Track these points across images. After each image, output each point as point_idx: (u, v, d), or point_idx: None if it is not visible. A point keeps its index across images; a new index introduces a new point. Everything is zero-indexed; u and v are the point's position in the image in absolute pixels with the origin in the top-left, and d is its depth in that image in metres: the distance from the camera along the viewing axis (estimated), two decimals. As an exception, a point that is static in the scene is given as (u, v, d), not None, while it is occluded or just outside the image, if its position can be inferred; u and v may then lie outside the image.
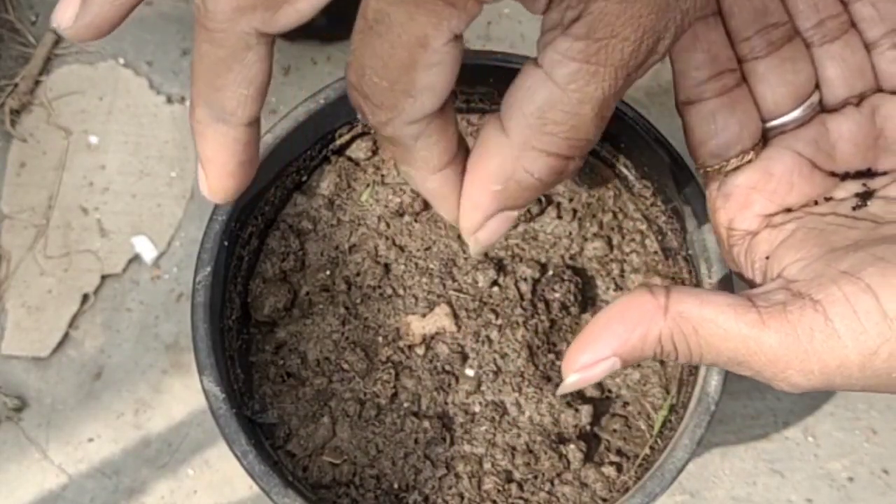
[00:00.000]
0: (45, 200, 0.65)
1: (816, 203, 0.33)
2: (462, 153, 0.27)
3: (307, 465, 0.42)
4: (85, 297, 0.63)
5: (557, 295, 0.43)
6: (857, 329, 0.26)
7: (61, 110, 0.67)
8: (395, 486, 0.41)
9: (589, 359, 0.29)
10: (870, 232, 0.30)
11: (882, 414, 0.61)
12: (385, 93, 0.24)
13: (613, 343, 0.28)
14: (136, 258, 0.64)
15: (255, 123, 0.26)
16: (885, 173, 0.32)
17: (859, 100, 0.33)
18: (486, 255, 0.45)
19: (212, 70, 0.25)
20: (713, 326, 0.28)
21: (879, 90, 0.33)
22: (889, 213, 0.31)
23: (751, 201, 0.33)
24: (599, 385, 0.43)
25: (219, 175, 0.27)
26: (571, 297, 0.43)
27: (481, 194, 0.26)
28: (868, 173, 0.33)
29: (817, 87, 0.33)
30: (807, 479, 0.60)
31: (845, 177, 0.33)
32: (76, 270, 0.63)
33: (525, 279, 0.44)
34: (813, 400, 0.61)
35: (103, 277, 0.63)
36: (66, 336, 0.62)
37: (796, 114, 0.33)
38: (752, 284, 0.33)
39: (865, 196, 0.32)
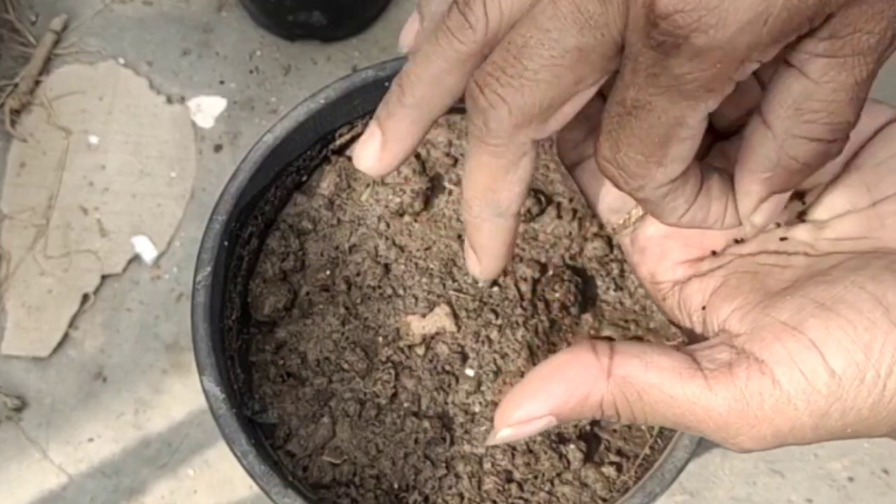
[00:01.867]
0: (45, 200, 0.65)
1: (738, 241, 0.32)
2: (706, 179, 0.29)
3: (307, 465, 0.42)
4: (85, 297, 0.63)
5: (557, 295, 0.43)
6: (806, 390, 0.26)
7: (61, 110, 0.67)
8: (395, 486, 0.41)
9: (524, 415, 0.29)
10: (805, 269, 0.30)
11: (882, 414, 0.61)
12: (640, 164, 0.27)
13: (551, 402, 0.29)
14: (136, 258, 0.64)
15: (519, 213, 0.30)
16: (802, 194, 0.32)
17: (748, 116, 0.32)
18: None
19: (491, 176, 0.29)
20: (658, 392, 0.27)
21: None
22: (820, 240, 0.30)
23: (667, 251, 0.33)
24: (599, 385, 0.43)
25: (492, 258, 0.31)
26: (571, 297, 0.43)
27: (752, 182, 0.28)
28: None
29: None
30: (807, 479, 0.60)
31: None
32: (76, 270, 0.63)
33: (525, 279, 0.44)
34: (813, 400, 0.61)
35: (103, 277, 0.63)
36: (66, 336, 0.62)
37: None
38: (692, 336, 0.32)
39: (790, 223, 0.32)
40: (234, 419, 0.39)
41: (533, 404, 0.29)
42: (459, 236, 0.45)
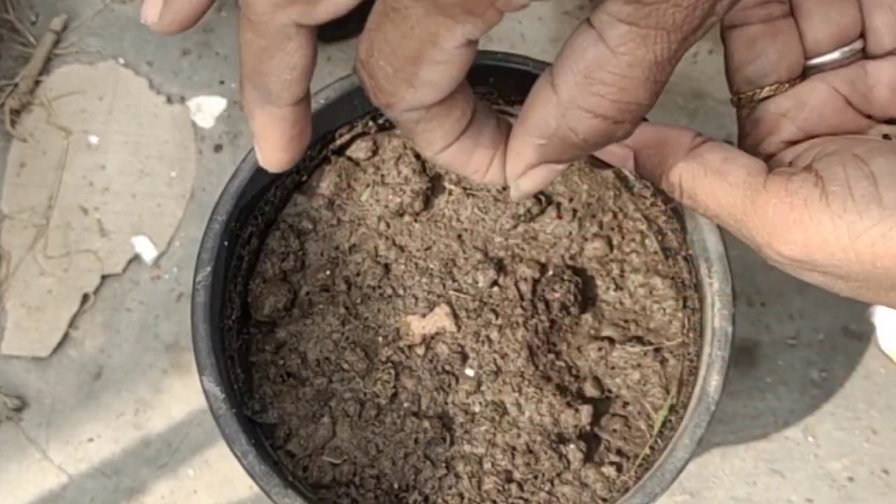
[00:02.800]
0: (45, 200, 0.65)
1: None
2: (479, 120, 0.27)
3: (307, 465, 0.42)
4: (85, 297, 0.63)
5: (557, 295, 0.43)
6: (849, 209, 0.26)
7: (61, 110, 0.67)
8: (395, 486, 0.41)
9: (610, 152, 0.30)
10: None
11: (882, 414, 0.61)
12: (388, 78, 0.24)
13: (641, 136, 0.30)
14: (136, 258, 0.64)
15: (301, 102, 0.27)
16: None
17: None
18: (486, 255, 0.45)
19: (256, 56, 0.26)
20: (720, 178, 0.28)
21: None
22: None
23: (779, 127, 0.33)
24: (599, 385, 0.43)
25: (271, 149, 0.29)
26: (571, 297, 0.43)
27: (525, 145, 0.26)
28: None
29: (862, 35, 0.33)
30: (807, 479, 0.60)
31: (877, 120, 0.33)
32: (76, 270, 0.63)
33: (525, 279, 0.44)
34: (813, 400, 0.61)
35: (103, 277, 0.63)
36: (66, 336, 0.62)
37: (836, 55, 0.33)
38: None
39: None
40: (234, 419, 0.39)
41: (618, 148, 0.30)
42: (460, 236, 0.45)
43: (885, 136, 0.32)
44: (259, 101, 0.27)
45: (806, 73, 0.33)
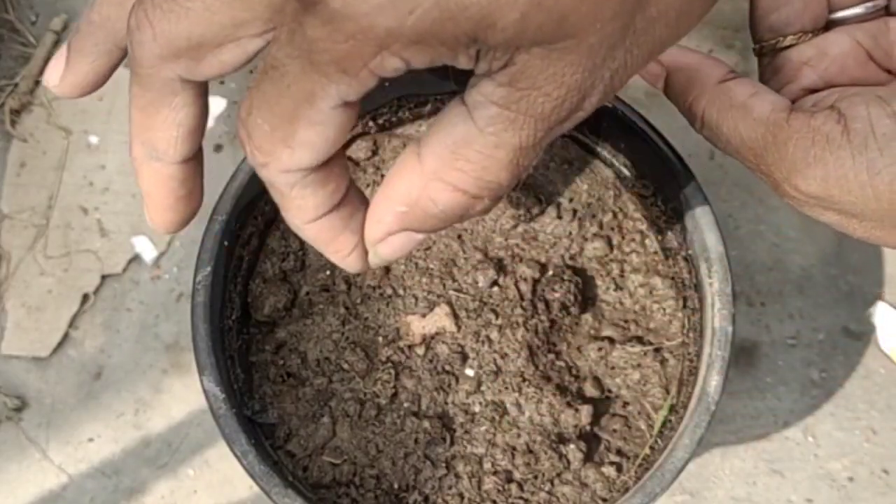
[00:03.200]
0: (45, 200, 0.65)
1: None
2: (352, 202, 0.27)
3: (307, 465, 0.42)
4: (85, 297, 0.63)
5: (557, 295, 0.43)
6: (870, 145, 0.27)
7: (61, 110, 0.67)
8: (395, 486, 0.41)
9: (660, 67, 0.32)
10: None
11: (882, 414, 0.61)
12: (266, 136, 0.24)
13: (685, 59, 0.32)
14: (136, 258, 0.64)
15: (189, 161, 0.27)
16: None
17: None
18: (486, 255, 0.45)
19: (142, 111, 0.26)
20: (745, 111, 0.30)
21: None
22: None
23: (800, 74, 0.33)
24: (599, 385, 0.43)
25: (158, 209, 0.28)
26: (571, 297, 0.43)
27: (386, 212, 0.26)
28: None
29: None
30: (807, 479, 0.60)
31: None
32: (76, 270, 0.63)
33: (525, 279, 0.44)
34: (813, 400, 0.61)
35: (103, 277, 0.63)
36: (66, 336, 0.62)
37: (859, 10, 0.33)
38: None
39: None
40: (234, 419, 0.39)
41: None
42: (460, 236, 0.45)
43: None
44: (146, 158, 0.27)
45: (829, 26, 0.34)
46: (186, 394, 0.61)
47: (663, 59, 0.33)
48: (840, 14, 0.34)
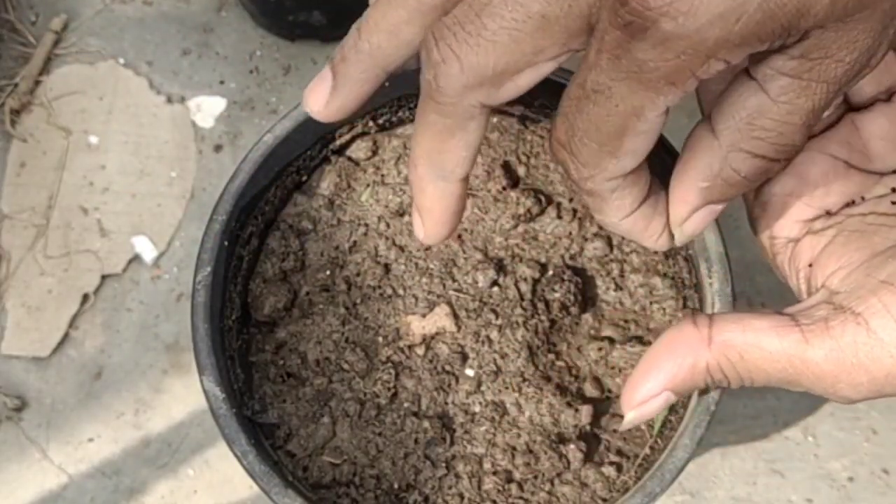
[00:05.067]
0: (45, 200, 0.65)
1: (855, 203, 0.33)
2: (654, 188, 0.29)
3: (307, 465, 0.42)
4: (85, 297, 0.63)
5: (557, 295, 0.43)
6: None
7: (61, 110, 0.67)
8: (395, 486, 0.41)
9: (643, 396, 0.30)
10: None
11: (882, 414, 0.61)
12: (593, 153, 0.26)
13: (663, 379, 0.30)
14: (136, 258, 0.64)
15: (466, 179, 0.29)
16: None
17: (888, 95, 0.33)
18: (486, 255, 0.45)
19: (437, 136, 0.28)
20: (758, 351, 0.29)
21: None
22: None
23: (789, 208, 0.33)
24: (599, 385, 0.43)
25: (436, 224, 0.30)
26: (571, 297, 0.43)
27: (689, 190, 0.28)
28: None
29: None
30: (807, 479, 0.60)
31: (883, 174, 0.33)
32: (76, 270, 0.63)
33: (525, 279, 0.44)
34: (813, 400, 0.61)
35: (103, 277, 0.63)
36: (66, 336, 0.62)
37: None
38: (798, 294, 0.33)
39: None
40: (234, 419, 0.39)
41: (648, 384, 0.30)
42: (460, 236, 0.45)
43: (894, 190, 0.32)
44: (432, 178, 0.29)
45: None
46: (186, 394, 0.61)
47: (657, 386, 0.30)
48: None
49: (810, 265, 0.32)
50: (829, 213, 0.33)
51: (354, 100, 0.29)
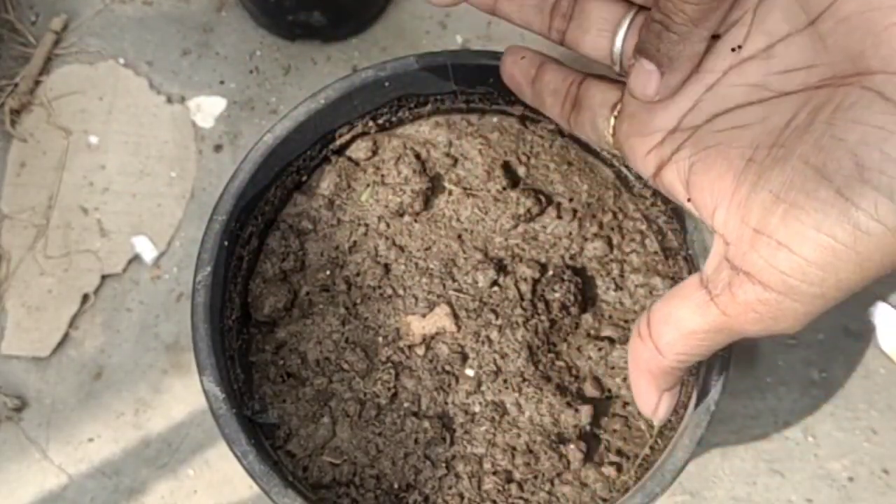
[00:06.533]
0: (45, 200, 0.65)
1: (697, 104, 0.32)
2: None
3: (307, 465, 0.42)
4: (85, 297, 0.63)
5: (557, 295, 0.43)
6: (793, 285, 0.28)
7: (61, 110, 0.67)
8: (395, 486, 0.41)
9: (651, 405, 0.35)
10: (762, 124, 0.30)
11: (882, 414, 0.61)
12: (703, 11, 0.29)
13: (653, 391, 0.35)
14: (136, 258, 0.64)
15: None
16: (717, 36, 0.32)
17: None
18: (486, 255, 0.45)
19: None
20: (694, 338, 0.32)
21: None
22: (770, 75, 0.31)
23: (633, 147, 0.34)
24: (599, 385, 0.43)
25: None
26: (571, 297, 0.43)
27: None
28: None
29: None
30: (807, 479, 0.60)
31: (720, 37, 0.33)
32: (76, 270, 0.63)
33: (525, 279, 0.44)
34: (813, 400, 0.61)
35: (103, 277, 0.63)
36: (66, 336, 0.62)
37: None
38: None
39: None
40: (234, 419, 0.39)
41: (645, 398, 0.35)
42: (460, 236, 0.45)
43: (735, 49, 0.32)
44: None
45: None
46: (186, 394, 0.61)
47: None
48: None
49: (689, 200, 0.32)
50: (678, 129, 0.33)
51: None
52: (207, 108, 0.68)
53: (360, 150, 0.46)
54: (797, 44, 0.30)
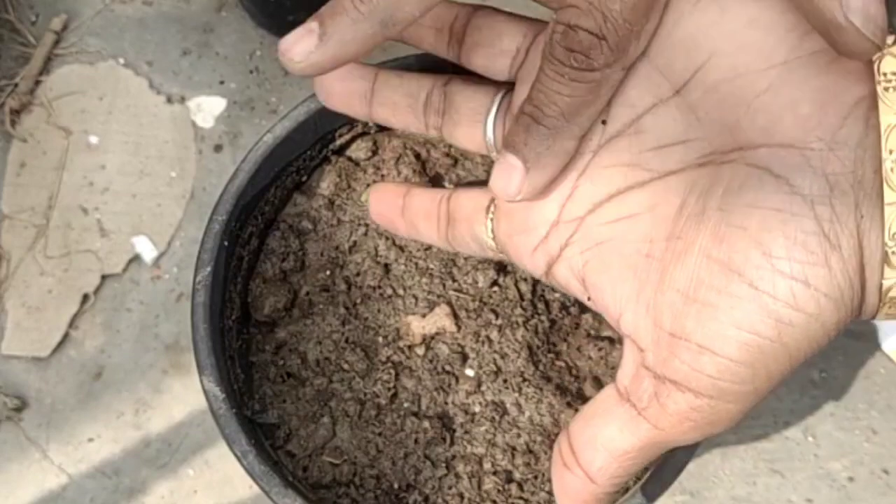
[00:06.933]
0: (45, 200, 0.65)
1: (581, 176, 0.30)
2: None
3: (307, 465, 0.42)
4: (85, 297, 0.63)
5: (557, 295, 0.43)
6: (724, 387, 0.26)
7: (61, 110, 0.67)
8: (395, 486, 0.41)
9: None
10: (650, 213, 0.28)
11: (882, 414, 0.61)
12: (626, 36, 0.26)
13: None
14: (136, 258, 0.64)
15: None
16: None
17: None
18: (486, 255, 0.45)
19: None
20: (631, 455, 0.29)
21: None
22: (644, 153, 0.28)
23: (518, 246, 0.32)
24: (599, 385, 0.43)
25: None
26: (571, 298, 0.43)
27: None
28: None
29: None
30: (807, 479, 0.60)
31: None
32: (76, 270, 0.63)
33: (525, 279, 0.44)
34: (813, 400, 0.61)
35: (103, 277, 0.63)
36: (66, 336, 0.62)
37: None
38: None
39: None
40: (234, 419, 0.39)
41: None
42: (459, 236, 0.45)
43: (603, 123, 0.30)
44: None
45: None
46: (186, 394, 0.61)
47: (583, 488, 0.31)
48: None
49: (589, 299, 0.30)
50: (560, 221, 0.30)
51: (344, 58, 0.29)
52: (207, 108, 0.68)
53: (360, 150, 0.46)
54: (665, 115, 0.28)
